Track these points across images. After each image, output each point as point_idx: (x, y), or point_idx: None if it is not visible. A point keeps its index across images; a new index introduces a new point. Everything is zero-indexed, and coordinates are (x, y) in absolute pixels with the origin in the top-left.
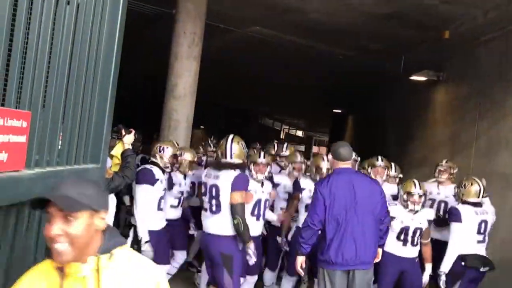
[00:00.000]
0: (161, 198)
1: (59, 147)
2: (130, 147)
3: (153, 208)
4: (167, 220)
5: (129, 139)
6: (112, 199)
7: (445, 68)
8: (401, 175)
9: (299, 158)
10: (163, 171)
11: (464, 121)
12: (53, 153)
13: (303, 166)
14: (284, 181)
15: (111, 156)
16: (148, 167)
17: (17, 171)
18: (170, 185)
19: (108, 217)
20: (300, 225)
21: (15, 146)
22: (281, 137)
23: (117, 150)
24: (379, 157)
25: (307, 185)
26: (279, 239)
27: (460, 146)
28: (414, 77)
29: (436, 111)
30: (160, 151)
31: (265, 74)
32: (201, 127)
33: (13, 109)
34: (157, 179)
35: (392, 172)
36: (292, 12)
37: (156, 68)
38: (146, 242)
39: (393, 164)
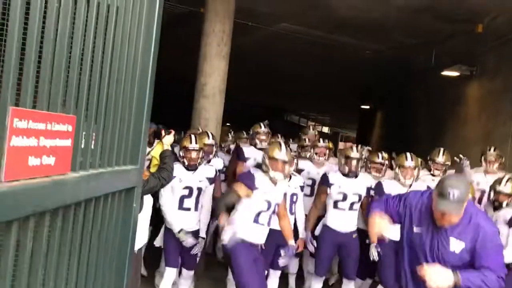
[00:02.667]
0: (184, 197)
1: (100, 149)
2: (169, 148)
3: (174, 208)
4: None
5: (168, 140)
6: (148, 200)
7: (479, 62)
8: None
9: (321, 142)
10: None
11: (498, 117)
12: (95, 156)
13: (327, 152)
14: (308, 167)
15: (150, 157)
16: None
17: (63, 174)
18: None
19: (144, 217)
20: (328, 224)
21: (61, 150)
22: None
23: (156, 151)
24: (408, 156)
25: (337, 181)
26: (303, 234)
27: (494, 143)
28: (446, 72)
29: (469, 107)
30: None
31: (291, 70)
32: (227, 124)
33: (59, 114)
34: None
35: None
36: (321, 8)
37: (185, 68)
38: (179, 231)
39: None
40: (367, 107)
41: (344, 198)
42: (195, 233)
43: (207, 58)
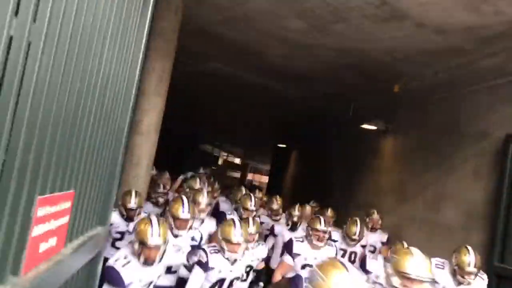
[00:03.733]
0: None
1: (79, 214)
2: None
3: None
4: None
5: None
6: None
7: (394, 119)
8: None
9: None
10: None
11: (411, 171)
12: (75, 224)
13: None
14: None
15: None
16: None
17: (60, 252)
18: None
19: None
20: None
21: (61, 228)
22: (219, 163)
23: None
24: (322, 220)
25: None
26: None
27: (407, 196)
28: (365, 126)
29: (384, 159)
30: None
31: (212, 103)
32: None
33: (61, 193)
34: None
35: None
36: (252, 54)
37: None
38: None
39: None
40: (283, 145)
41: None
42: None
43: (146, 95)
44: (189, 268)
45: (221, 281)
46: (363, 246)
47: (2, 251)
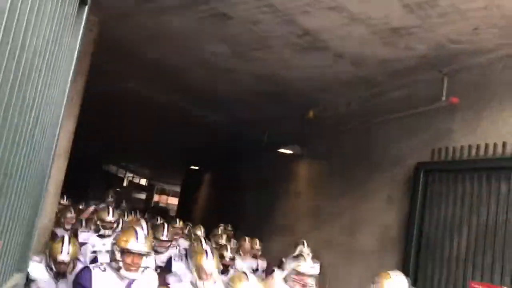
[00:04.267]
0: None
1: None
2: None
3: None
4: None
5: None
6: None
7: (309, 144)
8: None
9: None
10: None
11: (328, 196)
12: None
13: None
14: None
15: None
16: None
17: None
18: None
19: None
20: None
21: None
22: (124, 184)
23: None
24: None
25: None
26: None
27: (324, 220)
28: (281, 150)
29: (299, 183)
30: None
31: (121, 122)
32: None
33: None
34: None
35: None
36: (168, 76)
37: None
38: None
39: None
40: (196, 167)
41: None
42: None
43: None
44: None
45: None
46: None
47: None
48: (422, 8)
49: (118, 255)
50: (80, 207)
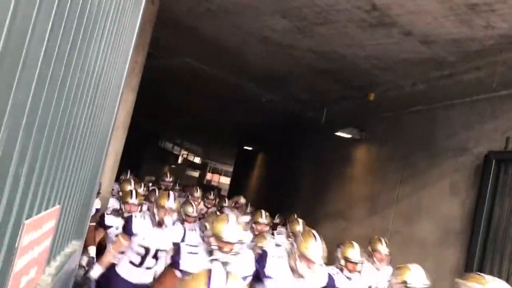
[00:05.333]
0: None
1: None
2: None
3: None
4: None
5: None
6: None
7: (368, 128)
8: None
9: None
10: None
11: (385, 182)
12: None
13: None
14: None
15: None
16: None
17: (38, 283)
18: None
19: None
20: None
21: (42, 253)
22: (179, 161)
23: None
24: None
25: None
26: None
27: (379, 206)
28: (339, 133)
29: (356, 168)
30: None
31: (179, 100)
32: None
33: (46, 212)
34: None
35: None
36: (229, 53)
37: None
38: None
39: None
40: (249, 148)
41: None
42: None
43: None
44: None
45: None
46: None
47: None
48: None
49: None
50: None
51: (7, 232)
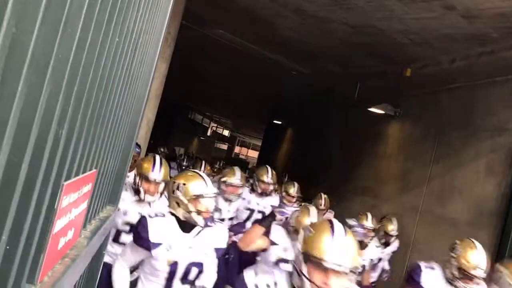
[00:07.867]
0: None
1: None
2: None
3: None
4: None
5: None
6: None
7: (402, 105)
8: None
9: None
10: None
11: (417, 160)
12: (89, 209)
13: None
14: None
15: None
16: None
17: (75, 244)
18: None
19: None
20: None
21: (79, 216)
22: (208, 134)
23: None
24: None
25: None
26: None
27: (410, 185)
28: (372, 109)
29: (388, 144)
30: None
31: (209, 72)
32: None
33: (84, 175)
34: None
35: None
36: (261, 25)
37: None
38: None
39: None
40: (279, 122)
41: None
42: None
43: None
44: None
45: None
46: None
47: (22, 257)
48: None
49: None
50: (162, 149)
51: (47, 193)
